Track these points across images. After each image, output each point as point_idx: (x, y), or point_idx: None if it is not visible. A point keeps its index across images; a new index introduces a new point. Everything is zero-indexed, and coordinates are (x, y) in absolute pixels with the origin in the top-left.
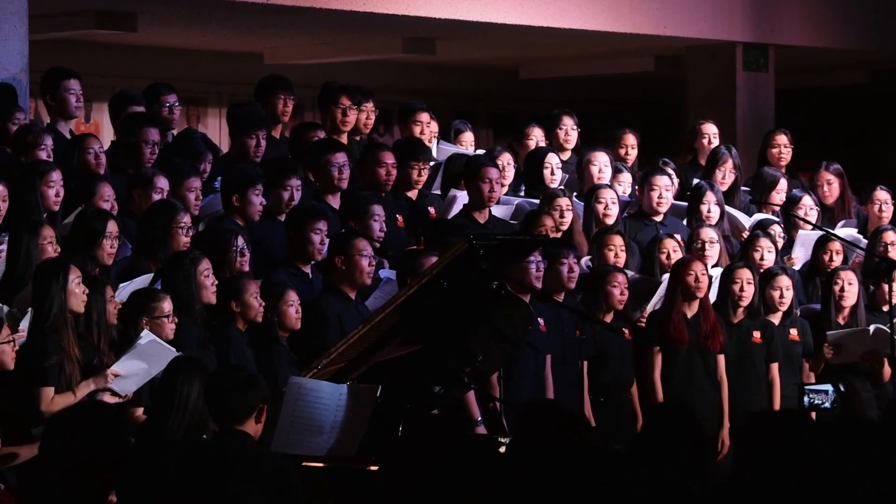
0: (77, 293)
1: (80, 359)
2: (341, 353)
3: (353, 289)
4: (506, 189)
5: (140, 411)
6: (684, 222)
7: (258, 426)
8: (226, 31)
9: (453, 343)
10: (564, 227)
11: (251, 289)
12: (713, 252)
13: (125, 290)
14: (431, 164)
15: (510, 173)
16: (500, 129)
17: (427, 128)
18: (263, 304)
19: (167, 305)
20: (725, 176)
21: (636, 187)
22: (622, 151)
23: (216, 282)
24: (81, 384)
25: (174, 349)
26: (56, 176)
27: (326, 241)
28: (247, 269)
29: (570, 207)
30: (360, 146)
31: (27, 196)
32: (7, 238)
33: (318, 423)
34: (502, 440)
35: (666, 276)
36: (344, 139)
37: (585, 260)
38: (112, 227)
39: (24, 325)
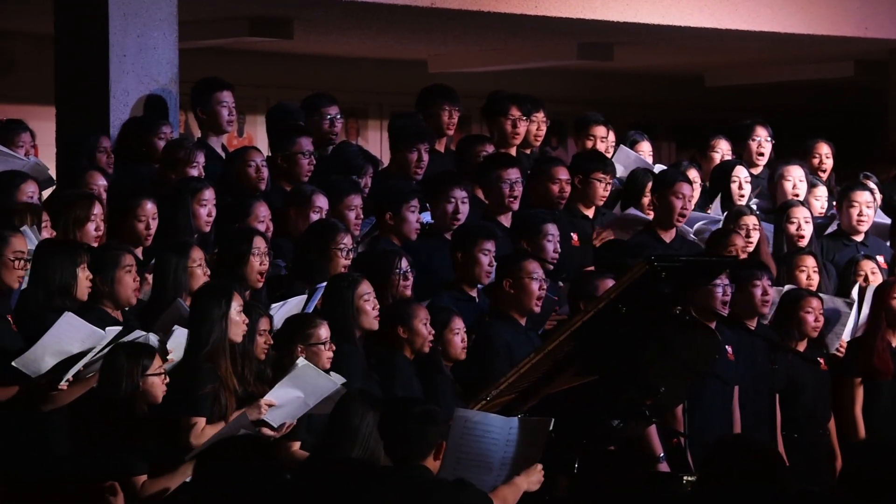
0: (238, 322)
1: (238, 389)
2: (511, 383)
3: (522, 315)
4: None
5: (297, 446)
6: (888, 243)
7: (436, 463)
8: (387, 38)
9: (633, 373)
10: (750, 248)
11: (421, 315)
12: None
13: (278, 312)
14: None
15: (697, 191)
16: (683, 141)
17: (603, 142)
18: (433, 331)
19: (324, 332)
20: None
21: (833, 203)
22: (815, 162)
23: (378, 306)
24: (234, 415)
25: (332, 378)
26: (209, 194)
27: (494, 262)
28: (409, 293)
29: (758, 227)
30: (531, 160)
31: (177, 215)
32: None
33: (487, 459)
34: (687, 479)
35: (855, 299)
36: (513, 153)
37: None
38: (258, 242)
39: (170, 346)
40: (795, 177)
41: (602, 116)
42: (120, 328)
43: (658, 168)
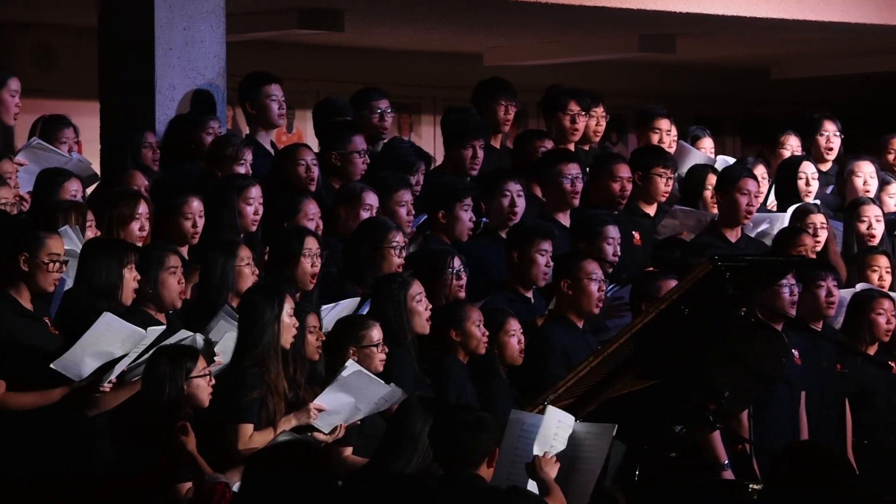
0: (290, 326)
1: (289, 394)
2: (569, 388)
3: (580, 317)
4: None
5: (349, 451)
6: None
7: (490, 470)
8: (441, 30)
9: (695, 377)
10: (818, 248)
11: (474, 316)
12: None
13: (329, 314)
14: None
15: (764, 187)
16: (749, 136)
17: (667, 136)
18: (487, 333)
19: (376, 334)
20: None
21: None
22: (890, 157)
23: (430, 307)
24: (282, 420)
25: (383, 382)
26: (255, 192)
27: (552, 263)
28: (463, 294)
29: (826, 225)
30: (590, 156)
31: (223, 214)
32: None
33: None
34: (753, 487)
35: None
36: (571, 149)
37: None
38: (310, 243)
39: (219, 348)
40: (866, 173)
41: (665, 109)
42: (163, 327)
43: (720, 161)
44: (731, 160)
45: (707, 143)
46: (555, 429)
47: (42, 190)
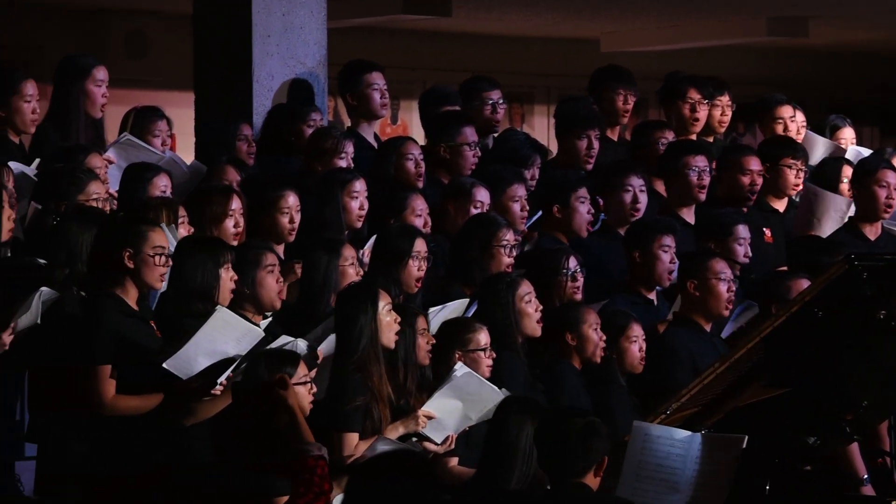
0: (390, 324)
1: (394, 399)
2: (693, 395)
3: (707, 320)
4: None
5: (454, 462)
6: None
7: (597, 480)
8: (555, 15)
9: (830, 385)
10: None
11: (591, 319)
12: None
13: (435, 317)
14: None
15: None
16: (888, 125)
17: (792, 123)
18: (604, 338)
19: (483, 337)
20: None
21: None
22: None
23: (540, 308)
24: (389, 428)
25: (495, 387)
26: (360, 186)
27: (676, 260)
28: (579, 296)
29: None
30: (715, 148)
31: (325, 210)
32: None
33: (671, 479)
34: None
35: None
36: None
37: None
38: (420, 245)
39: (323, 347)
40: None
41: (784, 96)
42: (266, 323)
43: (852, 152)
44: (867, 151)
45: (847, 134)
46: (692, 451)
47: (129, 186)
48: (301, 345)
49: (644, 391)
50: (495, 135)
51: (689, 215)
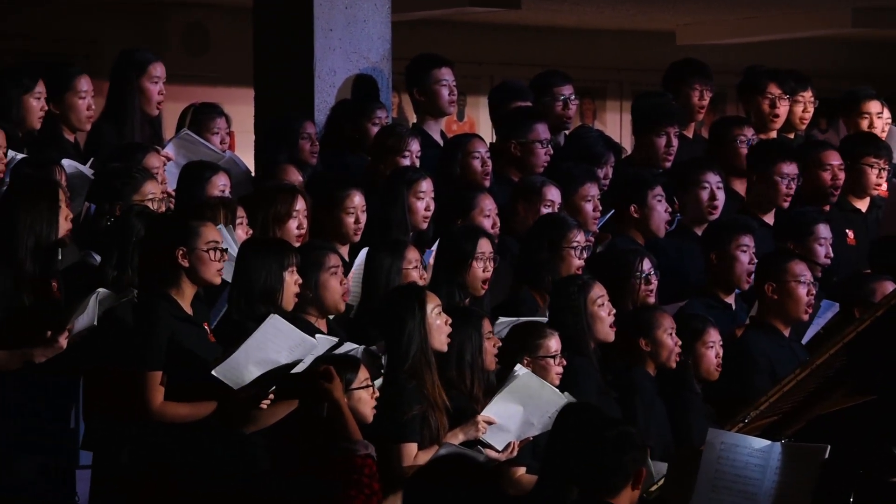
0: (441, 327)
1: (450, 406)
2: (772, 403)
3: (786, 324)
4: None
5: (522, 471)
6: None
7: (635, 493)
8: (628, 6)
9: None
10: None
11: (665, 324)
12: None
13: (505, 325)
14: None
15: None
16: None
17: (878, 119)
18: (680, 343)
19: (554, 344)
20: None
21: None
22: None
23: (613, 312)
24: (448, 435)
25: (556, 390)
26: (427, 185)
27: (755, 260)
28: (653, 299)
29: None
30: (795, 145)
31: (390, 210)
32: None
33: (749, 490)
34: None
35: None
36: (772, 136)
37: None
38: (484, 245)
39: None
40: None
41: (872, 91)
42: (335, 339)
43: None
44: None
45: None
46: (772, 461)
47: (187, 185)
48: (360, 349)
49: (720, 398)
50: (567, 132)
51: (768, 218)
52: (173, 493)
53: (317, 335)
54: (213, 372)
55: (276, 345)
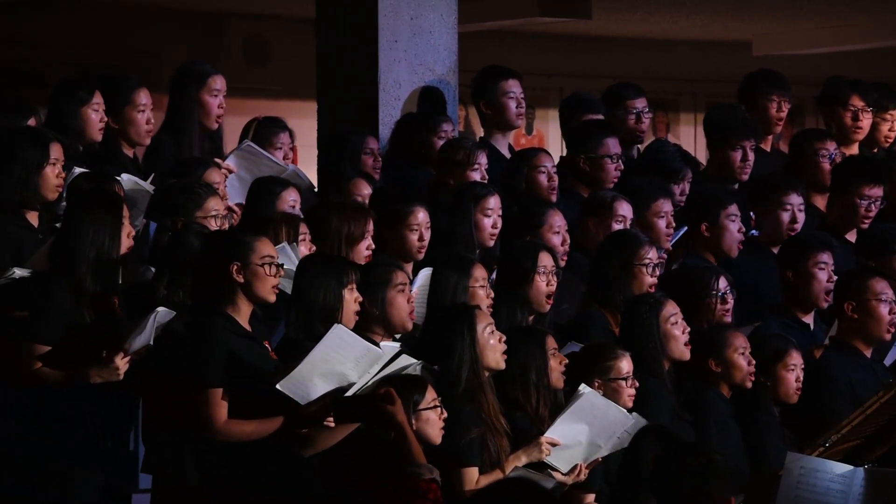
0: (494, 346)
1: (510, 429)
2: (854, 427)
3: (867, 344)
4: None
5: (591, 498)
6: None
7: None
8: (703, 16)
9: None
10: None
11: (737, 343)
12: None
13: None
14: None
15: None
16: None
17: None
18: (754, 363)
19: (626, 365)
20: None
21: None
22: None
23: (688, 330)
24: (511, 457)
25: (624, 410)
26: (494, 202)
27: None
28: (729, 319)
29: None
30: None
31: (457, 227)
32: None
33: None
34: None
35: None
36: (853, 151)
37: None
38: (545, 259)
39: None
40: None
41: None
42: (397, 346)
43: None
44: None
45: None
46: (854, 487)
47: (257, 200)
48: (417, 367)
49: (798, 422)
50: (640, 146)
51: (849, 236)
52: None
53: (381, 343)
54: (277, 386)
55: (341, 356)
